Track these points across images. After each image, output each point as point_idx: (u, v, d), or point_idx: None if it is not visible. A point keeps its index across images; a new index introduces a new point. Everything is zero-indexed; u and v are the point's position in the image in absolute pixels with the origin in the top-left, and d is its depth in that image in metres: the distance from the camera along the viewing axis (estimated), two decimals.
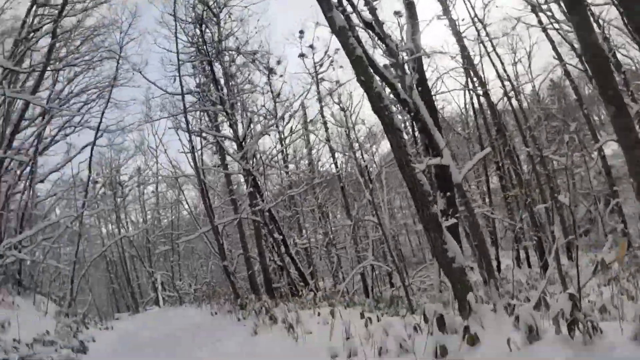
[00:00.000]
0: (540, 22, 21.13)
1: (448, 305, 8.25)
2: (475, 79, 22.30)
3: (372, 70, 7.69)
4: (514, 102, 22.63)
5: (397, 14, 18.10)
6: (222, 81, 17.68)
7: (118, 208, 34.05)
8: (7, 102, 17.47)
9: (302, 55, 22.25)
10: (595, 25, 16.59)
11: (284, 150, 22.16)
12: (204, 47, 17.38)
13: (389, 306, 8.26)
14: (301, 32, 22.27)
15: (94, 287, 38.07)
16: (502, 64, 22.42)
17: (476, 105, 25.40)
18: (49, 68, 18.28)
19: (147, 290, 34.02)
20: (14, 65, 15.99)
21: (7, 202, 18.70)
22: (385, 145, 33.90)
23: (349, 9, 10.73)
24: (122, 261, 33.72)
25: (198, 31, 17.57)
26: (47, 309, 16.37)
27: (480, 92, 22.40)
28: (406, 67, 11.21)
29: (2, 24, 18.74)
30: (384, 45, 11.39)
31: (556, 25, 20.46)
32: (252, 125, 15.86)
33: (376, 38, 11.66)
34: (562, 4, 16.86)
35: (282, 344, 8.33)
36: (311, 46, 22.14)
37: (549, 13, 20.43)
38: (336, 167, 22.75)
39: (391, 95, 10.68)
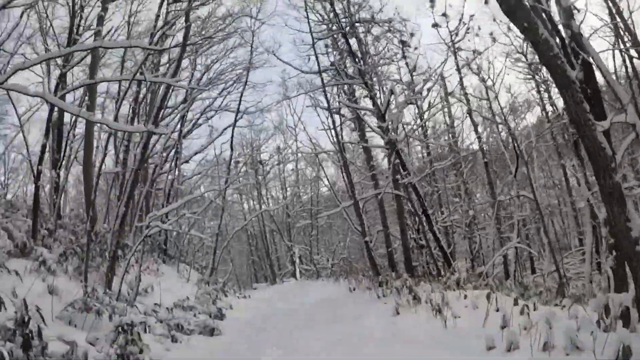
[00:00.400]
0: None
1: None
2: (627, 37, 19.17)
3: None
4: None
5: None
6: (358, 53, 16.97)
7: (259, 185, 34.91)
8: (151, 90, 18.44)
9: (435, 25, 20.68)
10: None
11: (424, 125, 21.00)
12: (337, 21, 16.78)
13: (559, 293, 6.97)
14: (431, 0, 20.79)
15: (235, 258, 39.72)
16: None
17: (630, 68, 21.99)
18: (185, 54, 18.90)
19: (285, 262, 34.65)
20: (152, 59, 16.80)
21: (154, 181, 19.64)
22: (529, 119, 31.16)
23: None
24: (262, 235, 34.63)
25: (328, 5, 16.99)
26: (189, 277, 16.83)
27: (635, 54, 19.28)
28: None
29: (137, 25, 20.30)
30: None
31: None
32: (392, 97, 14.88)
33: None
34: None
35: (428, 326, 7.40)
36: (444, 14, 20.52)
37: None
38: (479, 141, 21.10)
39: None
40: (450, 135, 21.60)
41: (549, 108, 22.28)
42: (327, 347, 7.64)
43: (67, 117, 15.91)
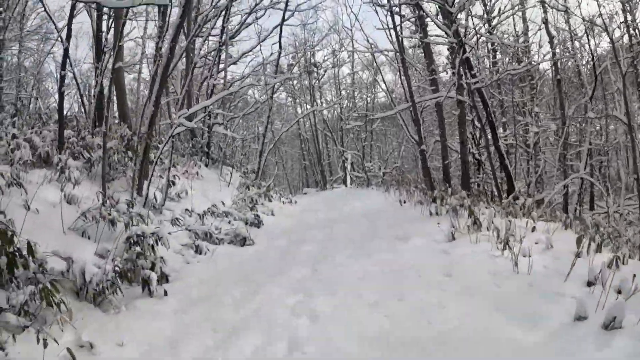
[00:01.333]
0: None
1: None
2: None
3: None
4: None
5: None
6: None
7: (312, 88, 33.19)
8: None
9: None
10: None
11: (491, 31, 18.35)
12: None
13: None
14: None
15: (287, 162, 38.70)
16: None
17: None
18: None
19: (336, 169, 33.59)
20: None
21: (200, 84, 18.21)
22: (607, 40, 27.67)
23: None
24: (314, 139, 33.35)
25: None
26: (230, 180, 15.59)
27: None
28: None
29: None
30: None
31: None
32: None
33: None
34: None
35: (493, 266, 5.67)
36: None
37: None
38: (553, 56, 18.36)
39: None
40: (523, 40, 18.95)
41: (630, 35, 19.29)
42: (360, 280, 6.18)
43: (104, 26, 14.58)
